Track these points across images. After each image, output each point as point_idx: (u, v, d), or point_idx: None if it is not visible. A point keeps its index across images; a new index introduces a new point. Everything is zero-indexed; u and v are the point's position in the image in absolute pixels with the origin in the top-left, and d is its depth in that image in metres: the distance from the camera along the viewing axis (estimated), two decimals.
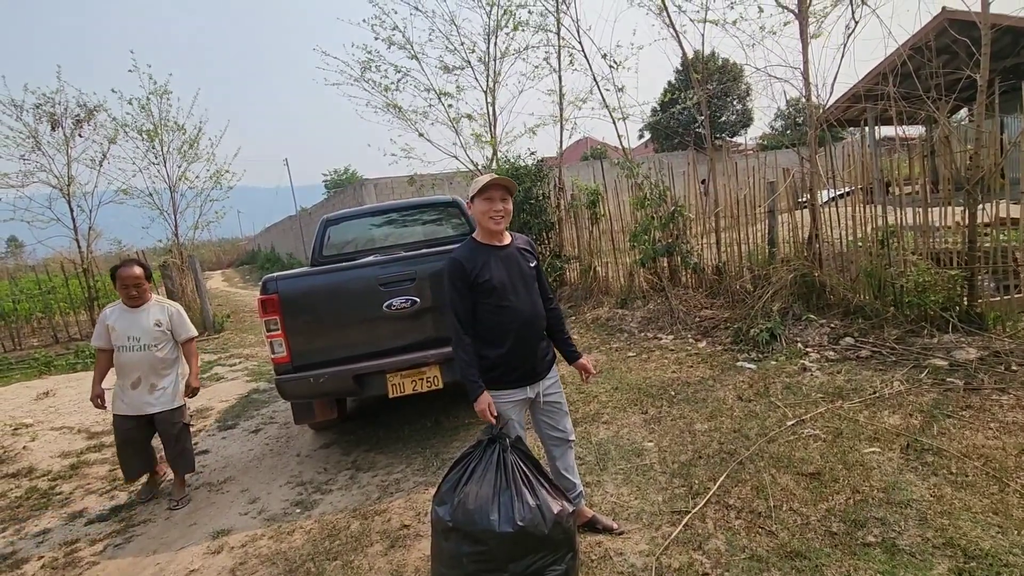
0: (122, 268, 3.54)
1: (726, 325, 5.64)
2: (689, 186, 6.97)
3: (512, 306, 2.31)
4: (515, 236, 2.49)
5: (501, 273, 2.31)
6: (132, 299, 3.52)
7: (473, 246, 2.37)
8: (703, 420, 3.69)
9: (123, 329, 3.48)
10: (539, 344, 2.42)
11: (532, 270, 2.43)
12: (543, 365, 2.44)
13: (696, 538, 2.47)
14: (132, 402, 3.52)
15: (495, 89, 9.65)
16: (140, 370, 3.51)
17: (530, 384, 2.40)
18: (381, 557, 2.67)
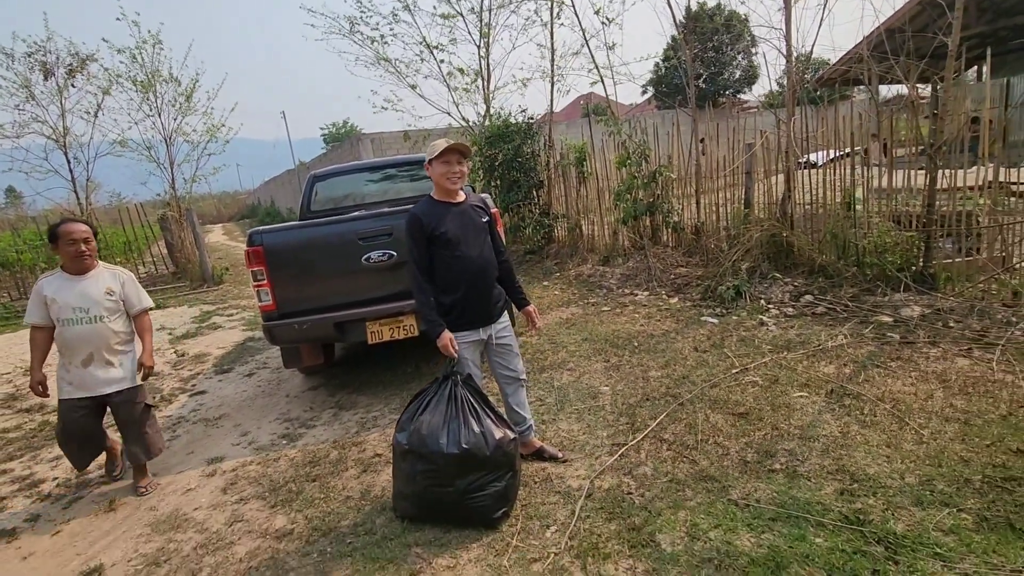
0: (65, 224, 3.01)
1: (698, 282, 5.89)
2: (674, 145, 7.08)
3: (465, 255, 2.56)
4: (469, 195, 2.72)
5: (455, 227, 2.55)
6: (79, 261, 3.01)
7: (431, 203, 2.61)
8: (658, 368, 3.99)
9: (67, 300, 2.97)
10: (491, 291, 2.69)
11: (484, 224, 2.67)
12: (495, 310, 2.71)
13: (628, 465, 2.80)
14: (84, 382, 3.03)
15: (488, 43, 9.59)
16: (92, 345, 3.03)
17: (483, 327, 2.68)
18: (354, 479, 3.02)
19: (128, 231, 13.08)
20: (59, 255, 3.05)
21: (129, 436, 3.20)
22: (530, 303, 2.89)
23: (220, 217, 38.63)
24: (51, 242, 3.03)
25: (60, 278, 3.04)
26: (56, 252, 3.04)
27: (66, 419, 3.08)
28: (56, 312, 2.98)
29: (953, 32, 4.36)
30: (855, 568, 1.95)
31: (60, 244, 2.99)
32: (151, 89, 12.42)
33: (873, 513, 2.21)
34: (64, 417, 3.08)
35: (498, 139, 8.57)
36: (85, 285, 3.04)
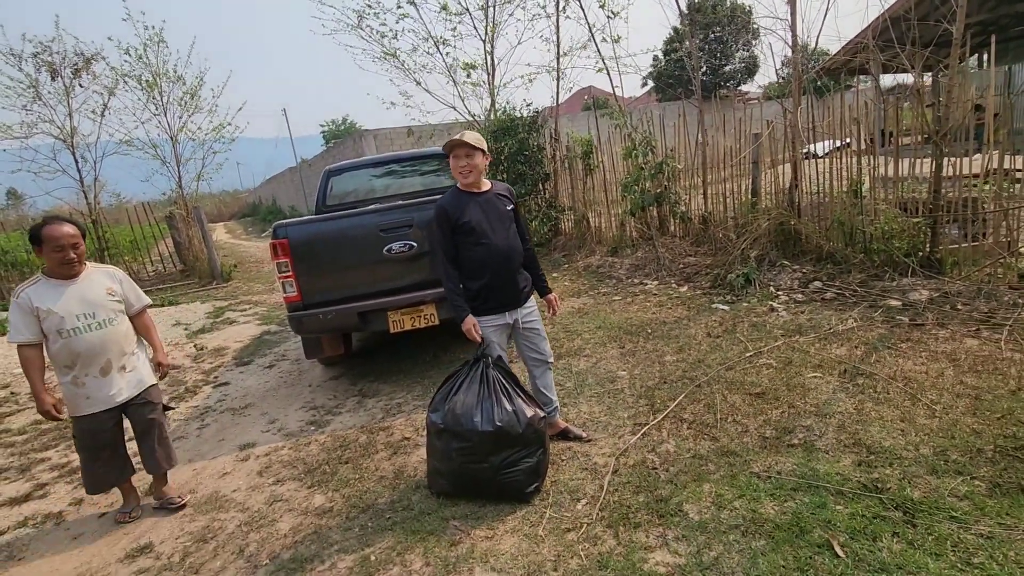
0: (49, 227, 2.65)
1: (707, 271, 5.99)
2: (680, 136, 7.16)
3: (489, 243, 2.67)
4: (495, 184, 2.83)
5: (479, 215, 2.67)
6: (69, 265, 2.68)
7: (455, 193, 2.74)
8: (672, 353, 4.10)
9: (67, 308, 2.67)
10: (515, 276, 2.79)
11: (509, 212, 2.77)
12: (521, 295, 2.82)
13: (651, 443, 2.91)
14: (103, 394, 2.76)
15: (494, 38, 9.66)
16: (108, 352, 2.78)
17: (508, 311, 2.78)
18: (385, 461, 3.14)
19: (136, 230, 13.17)
20: (44, 260, 2.67)
21: (150, 442, 2.93)
22: (552, 291, 3.01)
23: (221, 216, 38.69)
24: (35, 245, 2.64)
25: (47, 285, 2.67)
26: (40, 255, 2.66)
27: (91, 438, 2.79)
28: (54, 323, 2.62)
29: (957, 20, 4.44)
30: (875, 531, 2.07)
31: (45, 249, 2.63)
32: (156, 88, 12.49)
33: (890, 482, 2.32)
34: (87, 436, 2.79)
35: (503, 133, 8.65)
36: (82, 289, 2.72)
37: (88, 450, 2.83)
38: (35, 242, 2.65)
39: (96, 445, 2.82)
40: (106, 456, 2.86)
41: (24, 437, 4.17)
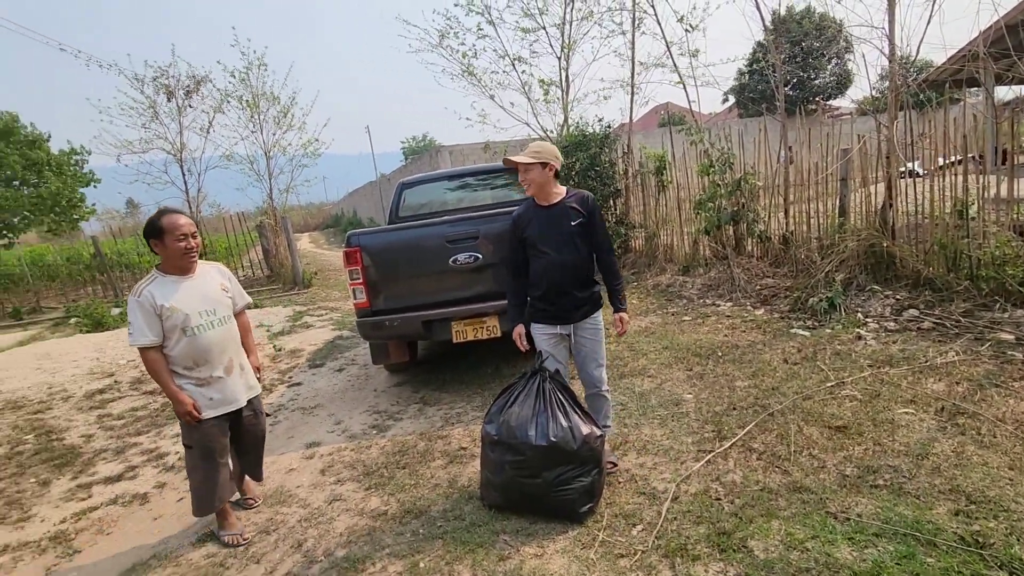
0: (169, 216, 2.55)
1: (786, 294, 5.65)
2: (761, 153, 6.85)
3: (546, 256, 2.70)
4: (571, 194, 2.76)
5: (538, 229, 2.71)
6: (190, 256, 2.59)
7: (527, 206, 2.79)
8: (744, 378, 3.87)
9: (191, 305, 2.57)
10: (570, 292, 2.72)
11: (575, 226, 2.69)
12: (574, 313, 2.75)
13: (716, 472, 2.74)
14: (228, 394, 2.67)
15: (569, 55, 9.73)
16: (230, 350, 2.71)
17: (561, 324, 2.76)
18: (441, 469, 3.15)
19: (230, 237, 14.26)
20: (162, 253, 2.55)
21: (259, 450, 2.96)
22: (625, 310, 2.83)
23: (306, 226, 41.18)
24: (154, 237, 2.53)
25: (167, 282, 2.56)
26: (159, 249, 2.54)
27: (210, 444, 2.62)
28: (178, 321, 2.52)
29: None
30: None
31: (166, 240, 2.51)
32: (255, 107, 13.55)
33: (994, 537, 2.05)
34: (207, 443, 2.62)
35: (575, 148, 8.64)
36: (199, 285, 2.64)
37: (208, 458, 2.62)
38: (155, 234, 2.52)
39: (216, 450, 2.64)
40: (224, 464, 2.70)
41: (122, 422, 4.57)
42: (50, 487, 3.52)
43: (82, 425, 4.54)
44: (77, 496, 3.36)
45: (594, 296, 2.82)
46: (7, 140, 19.84)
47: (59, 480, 3.60)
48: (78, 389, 5.39)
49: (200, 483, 2.65)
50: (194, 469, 2.66)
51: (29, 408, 4.98)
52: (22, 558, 2.77)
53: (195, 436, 2.62)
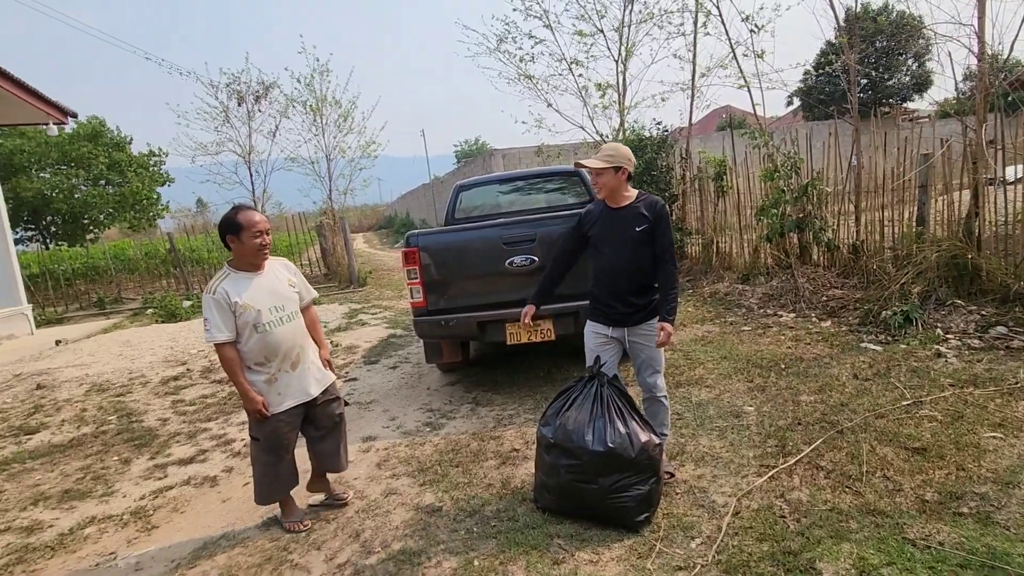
0: (245, 212, 2.60)
1: (856, 306, 5.37)
2: (829, 157, 6.54)
3: (603, 257, 2.77)
4: (641, 198, 2.74)
5: (600, 229, 2.77)
6: (263, 252, 2.63)
7: (597, 204, 2.87)
8: (810, 392, 3.70)
9: (262, 301, 2.60)
10: (623, 296, 2.70)
11: (639, 231, 2.66)
12: (626, 317, 2.72)
13: (780, 488, 2.63)
14: (296, 388, 2.70)
15: (627, 58, 9.63)
16: (298, 344, 2.73)
17: (613, 326, 2.77)
18: (494, 469, 3.17)
19: (291, 236, 14.87)
20: (237, 249, 2.59)
21: (338, 438, 2.93)
22: (669, 321, 2.67)
23: (361, 227, 42.42)
24: (231, 233, 2.56)
25: (239, 278, 2.60)
26: (234, 245, 2.57)
27: (276, 438, 2.66)
28: (251, 318, 2.55)
29: None
30: None
31: (243, 236, 2.55)
32: (318, 112, 14.10)
33: None
34: (274, 437, 2.66)
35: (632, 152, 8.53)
36: (269, 281, 2.67)
37: (273, 452, 2.68)
38: (233, 230, 2.55)
39: (282, 445, 2.69)
40: (288, 459, 2.75)
41: (193, 408, 4.84)
42: (130, 465, 3.77)
43: (158, 409, 4.84)
44: (154, 475, 3.58)
45: (652, 302, 2.76)
46: (95, 143, 21.44)
47: (138, 459, 3.85)
48: (155, 375, 5.75)
49: (263, 474, 2.72)
50: (257, 460, 2.72)
51: (112, 391, 5.35)
52: (107, 530, 2.97)
53: (263, 429, 2.66)
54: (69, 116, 10.40)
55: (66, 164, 21.05)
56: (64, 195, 20.17)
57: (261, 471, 2.72)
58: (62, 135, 20.37)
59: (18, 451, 4.11)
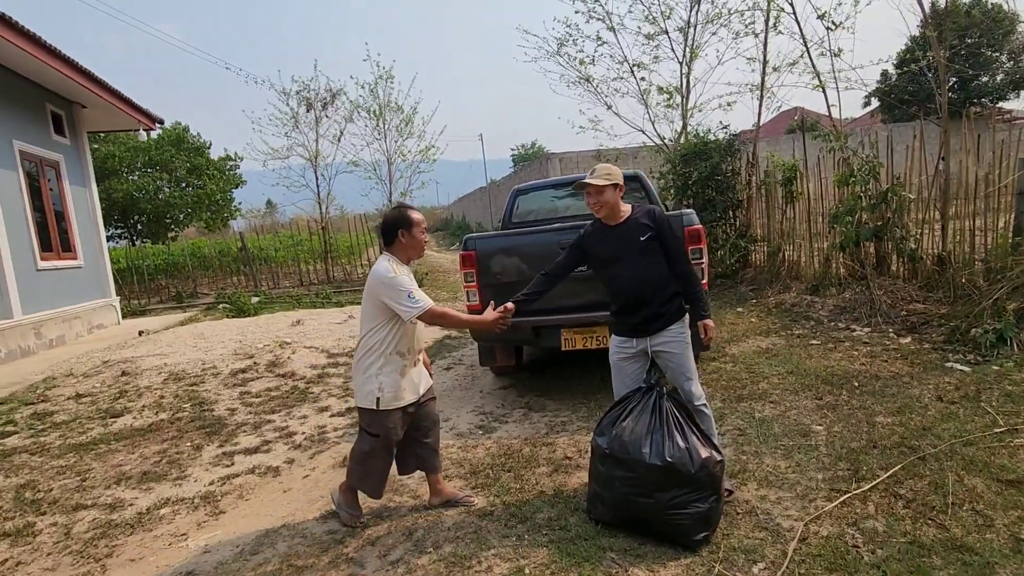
0: (414, 210, 2.76)
1: (940, 322, 4.98)
2: (913, 161, 6.11)
3: (619, 274, 2.75)
4: (636, 210, 2.78)
5: (611, 248, 2.76)
6: (422, 251, 2.82)
7: (595, 225, 2.89)
8: (887, 414, 3.45)
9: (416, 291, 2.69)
10: (644, 307, 2.70)
11: (644, 240, 2.68)
12: (652, 324, 2.71)
13: (852, 515, 2.45)
14: (415, 384, 2.78)
15: (691, 60, 9.38)
16: (421, 341, 2.89)
17: (638, 338, 2.75)
18: (546, 476, 3.13)
19: (352, 237, 15.38)
20: (407, 243, 2.70)
21: (436, 437, 2.96)
22: (706, 317, 2.74)
23: None
24: (403, 227, 2.67)
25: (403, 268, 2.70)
26: (405, 239, 2.68)
27: (395, 434, 2.72)
28: None
29: None
30: None
31: (414, 231, 2.70)
32: (381, 117, 14.54)
33: None
34: (394, 432, 2.71)
35: (694, 156, 8.29)
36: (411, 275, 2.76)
37: (388, 449, 2.74)
38: (405, 224, 2.68)
39: (396, 441, 2.75)
40: (393, 455, 2.81)
41: (259, 400, 5.07)
42: (201, 452, 3.98)
43: (227, 400, 5.10)
44: (223, 463, 3.77)
45: (673, 307, 2.73)
46: (178, 147, 23.02)
47: (209, 446, 4.07)
48: (225, 367, 6.07)
49: (379, 470, 2.78)
50: (373, 455, 2.74)
51: (187, 380, 5.69)
52: (179, 512, 3.15)
53: (386, 425, 2.68)
54: (156, 122, 11.22)
55: (152, 167, 22.71)
56: (149, 196, 21.74)
57: (379, 467, 2.78)
58: (150, 140, 22.02)
59: (104, 432, 4.43)
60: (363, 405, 2.71)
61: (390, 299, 2.60)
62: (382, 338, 2.66)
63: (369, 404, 2.68)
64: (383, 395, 2.65)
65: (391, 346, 2.68)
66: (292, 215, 20.85)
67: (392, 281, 2.59)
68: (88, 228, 9.88)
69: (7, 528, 3.03)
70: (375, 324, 2.68)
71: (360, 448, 2.79)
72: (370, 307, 2.69)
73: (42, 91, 8.84)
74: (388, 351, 2.67)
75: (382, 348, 2.66)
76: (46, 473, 3.74)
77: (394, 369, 2.68)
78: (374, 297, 2.65)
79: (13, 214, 7.67)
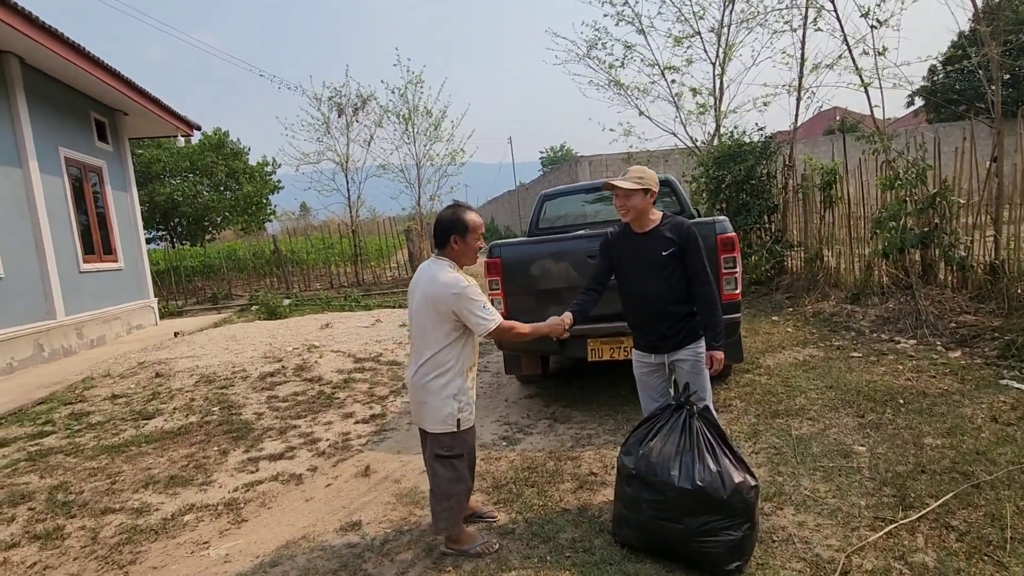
0: (471, 214, 2.54)
1: (994, 336, 4.69)
2: (963, 164, 5.79)
3: (630, 286, 2.70)
4: (666, 221, 2.63)
5: (626, 257, 2.69)
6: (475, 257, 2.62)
7: (620, 228, 2.75)
8: (936, 435, 3.23)
9: None
10: (656, 324, 2.64)
11: (666, 256, 2.55)
12: (668, 341, 2.63)
13: (899, 548, 2.28)
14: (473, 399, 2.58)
15: (725, 61, 9.14)
16: None
17: (655, 354, 2.68)
18: (570, 493, 3.03)
19: (382, 240, 15.52)
20: (460, 249, 2.51)
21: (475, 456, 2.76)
22: (718, 348, 2.54)
23: None
24: (457, 232, 2.47)
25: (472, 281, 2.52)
26: (458, 244, 2.49)
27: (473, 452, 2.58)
28: None
29: None
30: None
31: (469, 238, 2.50)
32: (410, 121, 14.65)
33: None
34: (472, 448, 2.57)
35: (728, 159, 8.05)
36: None
37: (472, 466, 2.58)
38: (459, 229, 2.48)
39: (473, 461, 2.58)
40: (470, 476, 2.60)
41: (286, 404, 5.10)
42: (228, 457, 4.01)
43: (255, 404, 5.15)
44: (247, 468, 3.79)
45: (688, 327, 2.61)
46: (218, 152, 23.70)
47: (235, 451, 4.10)
48: (254, 370, 6.15)
49: (462, 495, 2.53)
50: (461, 480, 2.51)
51: (217, 383, 5.79)
52: (203, 519, 3.16)
53: (468, 442, 2.50)
54: (194, 129, 11.54)
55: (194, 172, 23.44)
56: (189, 199, 22.43)
57: (463, 491, 2.53)
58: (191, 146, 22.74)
59: (136, 435, 4.52)
60: (443, 430, 2.47)
61: (463, 311, 2.39)
62: (456, 354, 2.46)
63: (450, 427, 2.46)
64: (463, 415, 2.48)
65: (466, 362, 2.50)
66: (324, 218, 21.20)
67: (465, 292, 2.38)
68: (129, 231, 10.22)
69: (38, 531, 3.09)
70: (448, 341, 2.44)
71: (444, 477, 2.50)
72: (437, 321, 2.43)
73: (86, 99, 9.19)
74: (463, 368, 2.48)
75: (458, 366, 2.46)
76: (79, 475, 3.82)
77: (469, 386, 2.52)
78: (444, 309, 2.40)
79: (58, 218, 7.97)
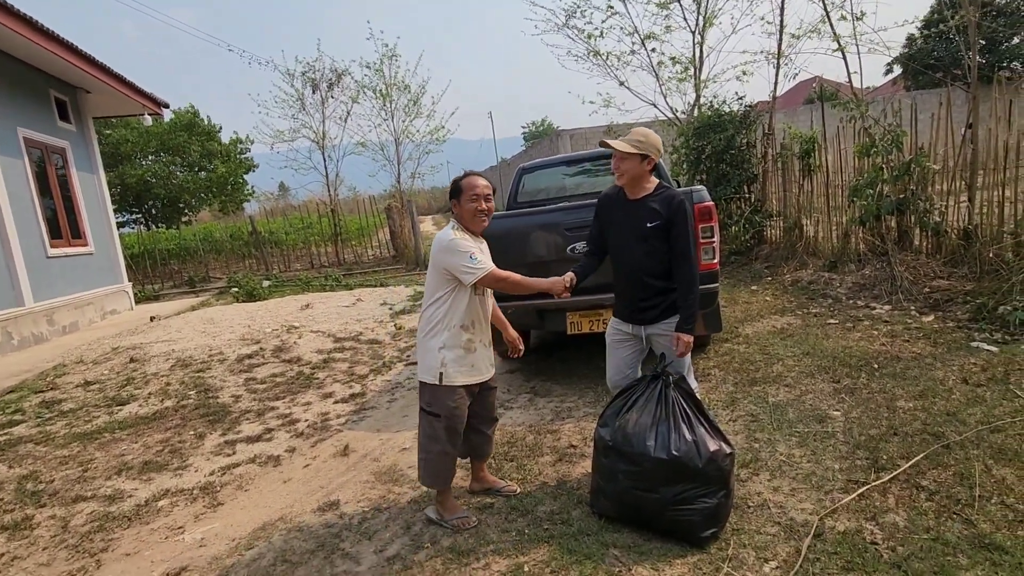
0: (468, 177, 2.59)
1: (966, 299, 4.75)
2: (938, 131, 5.80)
3: (614, 252, 2.67)
4: (658, 191, 2.55)
5: (618, 222, 2.64)
6: (481, 217, 2.56)
7: (614, 190, 2.72)
8: (909, 398, 3.28)
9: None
10: (635, 294, 2.61)
11: (650, 228, 2.50)
12: (643, 313, 2.61)
13: (871, 509, 2.32)
14: (484, 364, 2.62)
15: (704, 28, 9.01)
16: (489, 323, 2.74)
17: (632, 324, 2.66)
18: (549, 466, 3.04)
19: (362, 219, 15.28)
20: (457, 212, 2.57)
21: (494, 425, 2.84)
22: (687, 330, 2.45)
23: (430, 209, 43.17)
24: (453, 197, 2.57)
25: (467, 236, 2.54)
26: (456, 209, 2.57)
27: (459, 416, 2.52)
28: None
29: None
30: None
31: (462, 198, 2.53)
32: (388, 97, 14.29)
33: None
34: (456, 414, 2.51)
35: (708, 130, 7.99)
36: (484, 250, 2.60)
37: (453, 430, 2.53)
38: (454, 193, 2.56)
39: (461, 422, 2.55)
40: (460, 439, 2.60)
41: (264, 386, 5.03)
42: (204, 440, 3.95)
43: (232, 386, 5.07)
44: (224, 452, 3.73)
45: (668, 301, 2.56)
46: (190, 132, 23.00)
47: (211, 435, 4.04)
48: (231, 353, 6.05)
49: (441, 455, 2.53)
50: (434, 439, 2.52)
51: (193, 367, 5.68)
52: (178, 504, 3.11)
53: (447, 404, 2.49)
54: (162, 107, 11.12)
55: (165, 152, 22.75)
56: (163, 181, 21.82)
57: (440, 451, 2.53)
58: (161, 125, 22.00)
59: (109, 421, 4.43)
60: (425, 380, 2.53)
61: (451, 264, 2.44)
62: (446, 310, 2.50)
63: (431, 379, 2.49)
64: (446, 370, 2.47)
65: (455, 318, 2.51)
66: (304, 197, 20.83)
67: (452, 243, 2.44)
68: (98, 214, 9.90)
69: (6, 521, 3.02)
70: (439, 295, 2.52)
71: (424, 431, 2.57)
72: (434, 277, 2.54)
73: (45, 77, 8.78)
74: (452, 324, 2.50)
75: (446, 321, 2.50)
76: (49, 463, 3.74)
77: (458, 344, 2.50)
78: (437, 265, 2.51)
79: (20, 201, 7.68)
